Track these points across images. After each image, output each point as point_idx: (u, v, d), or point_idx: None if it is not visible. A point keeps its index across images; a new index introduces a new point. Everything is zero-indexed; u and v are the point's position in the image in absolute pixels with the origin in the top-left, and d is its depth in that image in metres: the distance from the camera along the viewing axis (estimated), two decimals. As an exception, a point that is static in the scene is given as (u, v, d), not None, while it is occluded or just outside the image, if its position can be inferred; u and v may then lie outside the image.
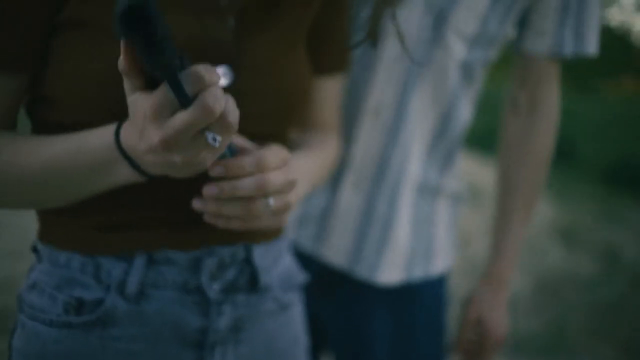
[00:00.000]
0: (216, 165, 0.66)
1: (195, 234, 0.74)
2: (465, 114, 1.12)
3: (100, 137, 0.63)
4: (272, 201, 0.68)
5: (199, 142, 0.55)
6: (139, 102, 0.54)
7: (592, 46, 1.09)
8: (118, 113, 0.65)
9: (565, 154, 6.41)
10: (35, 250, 0.78)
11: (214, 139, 0.55)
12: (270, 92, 0.73)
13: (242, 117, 0.72)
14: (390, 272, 1.11)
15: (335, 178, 1.08)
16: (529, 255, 3.72)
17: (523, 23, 1.09)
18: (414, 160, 1.08)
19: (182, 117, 0.52)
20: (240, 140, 0.69)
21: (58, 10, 0.64)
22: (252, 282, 0.79)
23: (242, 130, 0.73)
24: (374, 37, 0.75)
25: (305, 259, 1.09)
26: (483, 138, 6.00)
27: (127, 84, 0.54)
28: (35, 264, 0.77)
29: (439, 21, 1.00)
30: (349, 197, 1.08)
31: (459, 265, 3.30)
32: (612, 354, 2.71)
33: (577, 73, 12.17)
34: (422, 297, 1.15)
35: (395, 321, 1.13)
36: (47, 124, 0.71)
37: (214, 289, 0.75)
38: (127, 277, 0.72)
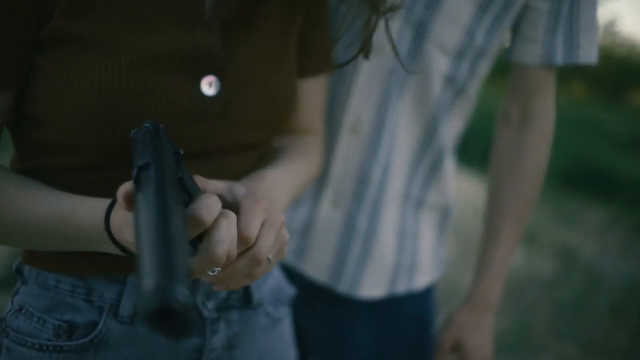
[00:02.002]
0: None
1: None
2: (453, 127, 1.08)
3: (89, 214, 0.62)
4: (270, 256, 0.64)
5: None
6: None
7: (588, 55, 1.00)
8: (108, 131, 0.64)
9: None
10: (19, 272, 0.75)
11: (213, 271, 0.57)
12: (258, 100, 0.73)
13: (230, 126, 0.72)
14: (373, 287, 1.08)
15: (315, 194, 1.06)
16: (491, 257, 3.79)
17: (514, 32, 1.03)
18: (396, 175, 1.05)
19: None
20: (216, 185, 0.67)
21: (43, 26, 0.62)
22: (245, 298, 0.79)
23: (230, 139, 0.73)
24: (367, 52, 0.74)
25: (288, 271, 1.07)
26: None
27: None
28: (19, 287, 0.74)
29: (419, 34, 0.95)
30: (328, 214, 1.05)
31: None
32: (574, 352, 2.78)
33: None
34: (405, 310, 1.13)
35: (378, 333, 1.11)
36: (31, 144, 0.69)
37: (208, 308, 0.75)
38: (121, 299, 0.70)
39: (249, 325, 0.79)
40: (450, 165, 1.13)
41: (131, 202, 0.51)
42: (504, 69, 1.12)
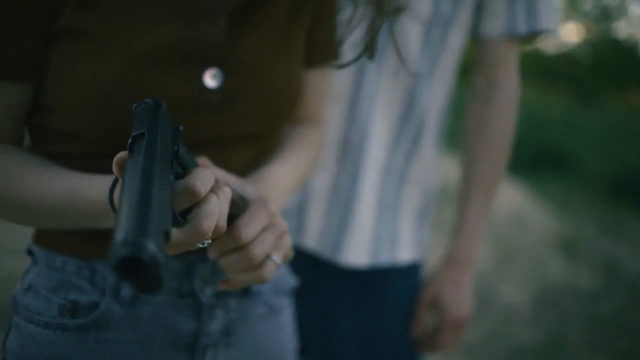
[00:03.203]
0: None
1: None
2: (433, 102, 1.14)
3: (96, 189, 0.64)
4: (275, 257, 0.67)
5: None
6: None
7: (548, 22, 1.11)
8: (112, 122, 0.67)
9: (570, 166, 6.39)
10: (30, 253, 0.79)
11: (202, 244, 0.58)
12: (262, 92, 0.75)
13: (234, 117, 0.74)
14: (354, 253, 1.14)
15: None
16: (530, 266, 3.72)
17: (479, 8, 1.12)
18: (376, 142, 1.12)
19: (173, 235, 0.55)
20: (225, 176, 0.70)
21: (55, 19, 0.66)
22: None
23: (234, 130, 0.75)
24: (371, 52, 0.75)
25: None
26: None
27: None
28: (30, 267, 0.78)
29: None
30: (317, 180, 1.13)
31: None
32: (611, 367, 2.71)
33: (583, 85, 12.19)
34: (389, 284, 1.17)
35: (362, 308, 1.16)
36: (43, 132, 0.72)
37: (206, 294, 0.77)
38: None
39: (246, 312, 0.81)
40: (431, 144, 1.19)
41: (122, 168, 0.53)
42: (551, 77, 1.21)
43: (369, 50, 0.75)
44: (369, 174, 1.13)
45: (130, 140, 0.53)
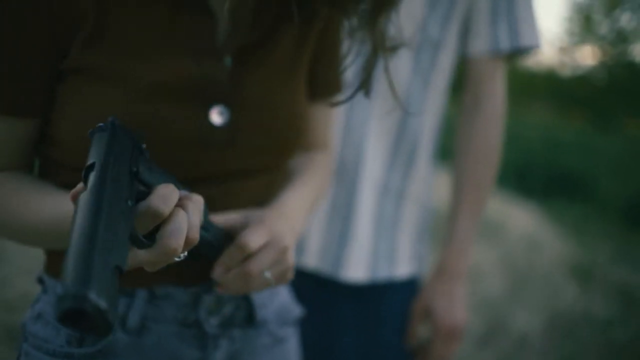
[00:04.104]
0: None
1: (194, 271, 0.76)
2: (427, 122, 1.18)
3: None
4: (268, 274, 0.71)
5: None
6: None
7: (530, 39, 1.17)
8: None
9: (584, 191, 6.33)
10: (40, 281, 0.81)
11: (179, 257, 0.59)
12: (267, 127, 0.76)
13: (240, 152, 0.75)
14: (354, 269, 1.16)
15: None
16: (543, 292, 3.68)
17: (465, 29, 1.18)
18: (370, 161, 1.16)
19: (142, 257, 0.56)
20: (228, 217, 0.72)
21: (63, 57, 0.67)
22: (248, 317, 0.82)
23: (240, 164, 0.76)
24: (367, 89, 0.76)
25: None
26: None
27: None
28: (40, 295, 0.80)
29: None
30: None
31: (470, 302, 3.27)
32: (626, 397, 2.66)
33: (598, 108, 12.11)
34: (387, 299, 1.20)
35: (362, 324, 1.18)
36: (50, 162, 0.74)
37: (211, 324, 0.78)
38: (129, 311, 0.74)
39: (250, 343, 0.82)
40: (426, 162, 1.23)
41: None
42: (566, 100, 1.24)
43: (364, 87, 0.75)
44: (365, 192, 1.17)
45: (83, 172, 0.53)
